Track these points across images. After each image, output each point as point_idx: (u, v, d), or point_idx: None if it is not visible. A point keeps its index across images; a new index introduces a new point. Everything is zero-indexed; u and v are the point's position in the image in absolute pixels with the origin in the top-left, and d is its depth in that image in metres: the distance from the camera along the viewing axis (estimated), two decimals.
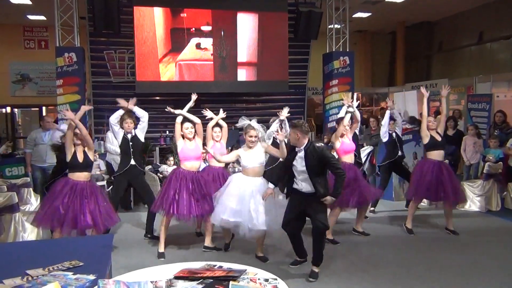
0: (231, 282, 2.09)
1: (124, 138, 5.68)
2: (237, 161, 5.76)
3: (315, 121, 13.30)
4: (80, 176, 4.94)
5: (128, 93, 9.92)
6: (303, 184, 4.45)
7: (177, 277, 2.14)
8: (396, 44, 15.98)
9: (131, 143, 5.68)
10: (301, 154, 4.40)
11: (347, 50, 10.28)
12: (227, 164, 6.56)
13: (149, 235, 5.96)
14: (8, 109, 14.53)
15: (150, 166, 8.14)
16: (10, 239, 5.39)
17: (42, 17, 12.83)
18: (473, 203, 7.44)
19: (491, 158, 7.65)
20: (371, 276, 4.54)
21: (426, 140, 5.97)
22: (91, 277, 2.31)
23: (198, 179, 5.20)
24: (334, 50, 10.25)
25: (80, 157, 4.96)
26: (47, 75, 13.82)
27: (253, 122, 5.05)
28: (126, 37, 9.57)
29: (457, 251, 5.31)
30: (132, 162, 5.69)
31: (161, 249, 5.23)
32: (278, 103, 11.04)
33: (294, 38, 10.38)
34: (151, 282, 2.08)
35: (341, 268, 4.75)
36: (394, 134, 6.88)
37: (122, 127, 5.66)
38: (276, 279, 2.14)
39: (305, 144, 4.40)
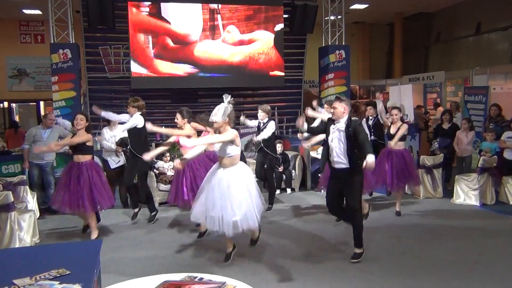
0: None
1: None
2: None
3: None
4: (82, 158, 5.66)
5: (124, 88, 9.95)
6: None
7: None
8: (394, 36, 15.92)
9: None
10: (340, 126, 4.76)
11: (343, 44, 10.23)
12: None
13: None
14: (6, 104, 14.55)
15: None
16: (6, 238, 5.43)
17: (38, 11, 12.78)
18: (467, 197, 7.46)
19: (487, 152, 7.66)
20: (364, 273, 4.57)
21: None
22: (77, 286, 2.34)
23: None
24: (330, 43, 10.21)
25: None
26: (44, 69, 13.79)
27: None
28: (121, 32, 9.54)
29: (450, 246, 5.35)
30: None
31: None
32: (275, 97, 11.06)
33: (290, 32, 10.34)
34: None
35: (334, 264, 4.79)
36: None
37: None
38: None
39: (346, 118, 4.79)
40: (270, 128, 6.84)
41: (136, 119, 6.31)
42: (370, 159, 4.38)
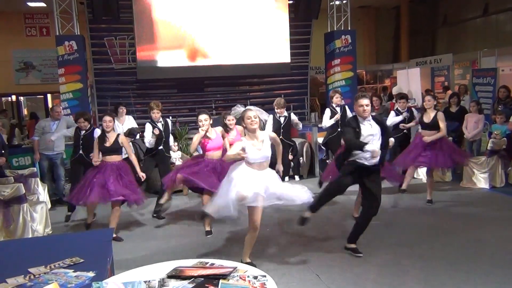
0: (221, 281, 2.16)
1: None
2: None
3: (319, 100, 13.26)
4: (112, 158, 5.48)
5: (130, 79, 9.98)
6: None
7: (170, 276, 2.22)
8: (400, 19, 15.74)
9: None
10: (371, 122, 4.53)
11: (349, 28, 10.15)
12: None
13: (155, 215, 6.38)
14: (14, 97, 14.65)
15: None
16: (20, 229, 5.52)
17: (42, 4, 12.78)
18: (477, 180, 7.43)
19: (497, 134, 7.59)
20: (373, 257, 4.59)
21: None
22: (91, 274, 2.39)
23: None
24: (335, 28, 10.13)
25: (109, 143, 5.48)
26: (50, 62, 13.82)
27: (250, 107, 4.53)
28: (126, 23, 9.54)
29: (460, 229, 5.34)
30: (160, 147, 6.24)
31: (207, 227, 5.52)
32: (281, 84, 11.04)
33: (295, 18, 10.27)
34: (145, 282, 2.16)
35: (344, 249, 4.82)
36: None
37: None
38: (265, 276, 2.20)
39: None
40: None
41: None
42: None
